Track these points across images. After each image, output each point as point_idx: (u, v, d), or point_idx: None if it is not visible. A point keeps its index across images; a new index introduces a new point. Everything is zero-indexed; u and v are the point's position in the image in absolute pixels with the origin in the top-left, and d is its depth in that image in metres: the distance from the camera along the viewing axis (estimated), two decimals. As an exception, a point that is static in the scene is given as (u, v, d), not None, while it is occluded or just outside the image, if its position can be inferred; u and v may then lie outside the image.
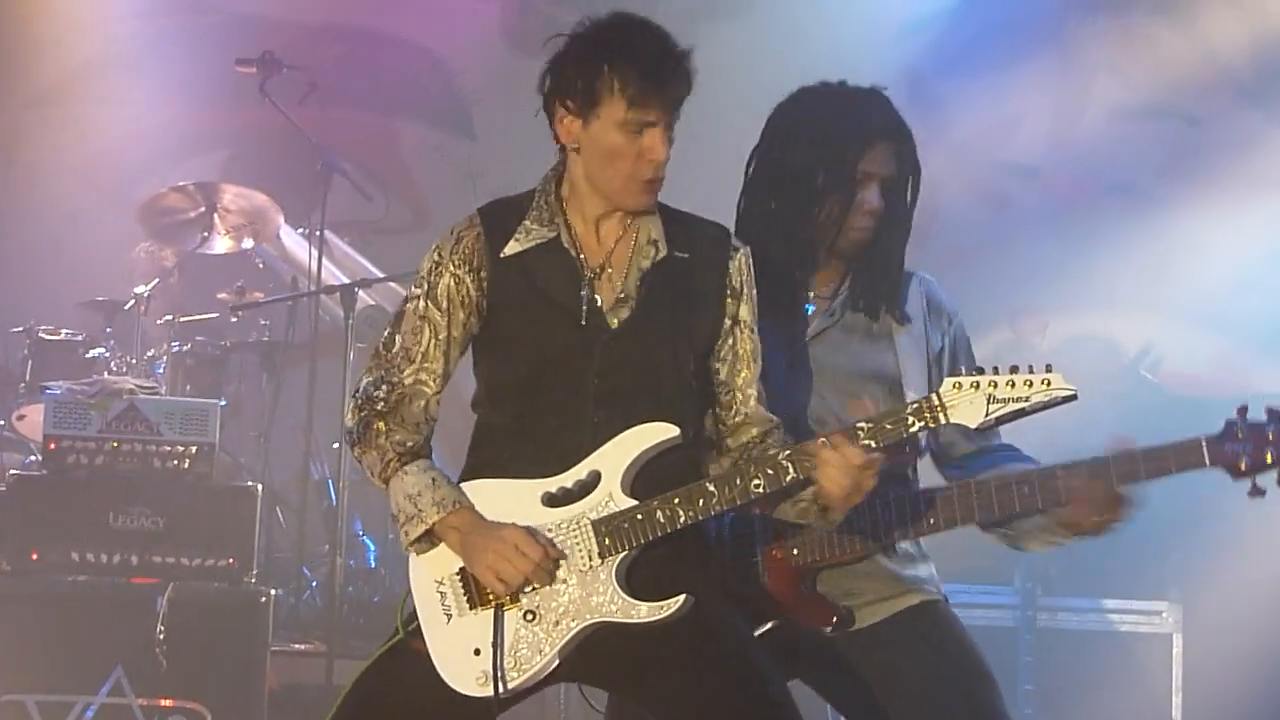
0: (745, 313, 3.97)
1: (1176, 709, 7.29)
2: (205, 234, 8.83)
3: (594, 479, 3.81)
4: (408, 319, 3.93)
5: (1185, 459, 4.01)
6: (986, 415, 3.69)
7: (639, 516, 3.78)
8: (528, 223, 3.91)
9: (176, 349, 8.42)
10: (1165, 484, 4.15)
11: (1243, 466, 3.97)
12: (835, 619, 4.13)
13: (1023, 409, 3.69)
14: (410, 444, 3.89)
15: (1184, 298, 9.39)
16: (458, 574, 3.85)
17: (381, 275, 8.78)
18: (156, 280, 8.72)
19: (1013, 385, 3.68)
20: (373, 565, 8.72)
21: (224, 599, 7.09)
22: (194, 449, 7.26)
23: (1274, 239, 9.39)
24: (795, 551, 4.15)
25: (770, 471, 3.78)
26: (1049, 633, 7.29)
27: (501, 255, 3.88)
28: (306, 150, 8.73)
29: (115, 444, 7.22)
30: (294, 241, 9.27)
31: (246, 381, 8.89)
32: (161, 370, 8.32)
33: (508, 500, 3.84)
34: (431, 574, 3.88)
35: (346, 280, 8.58)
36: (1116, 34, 9.91)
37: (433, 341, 3.91)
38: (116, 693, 6.80)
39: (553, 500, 3.83)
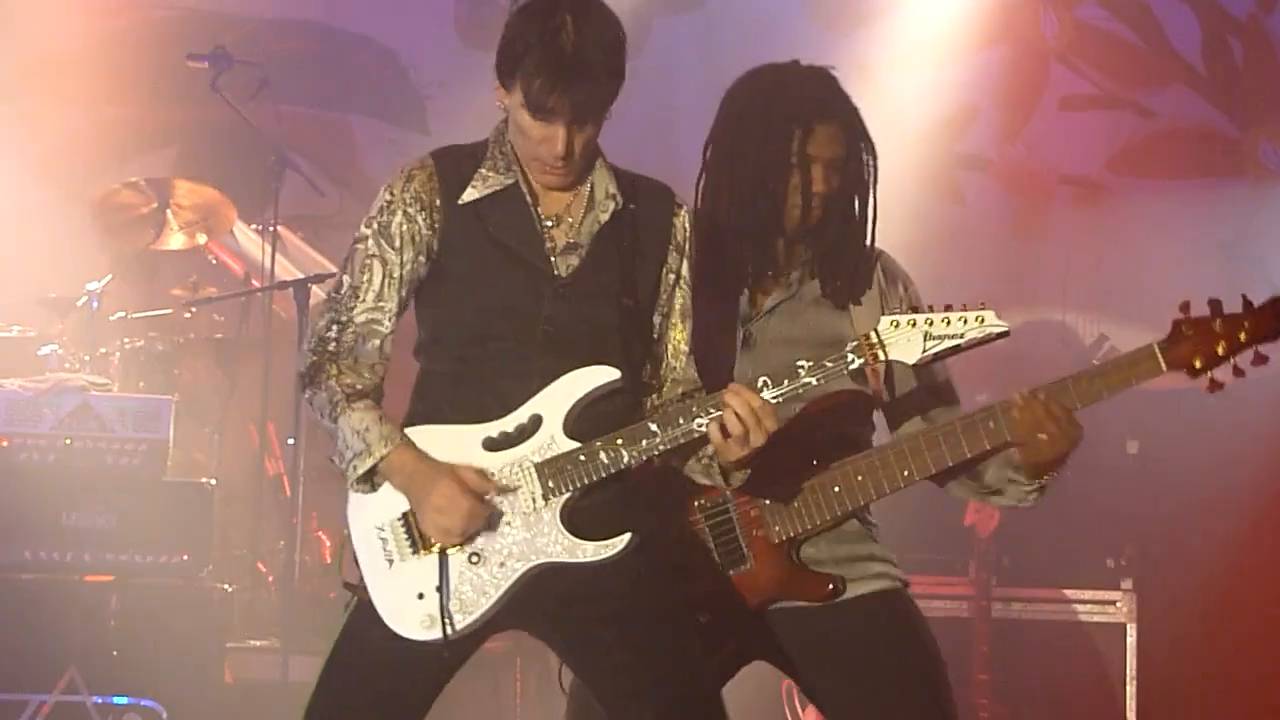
0: (686, 269, 4.03)
1: (1131, 698, 7.33)
2: (158, 230, 8.78)
3: (535, 423, 3.84)
4: (358, 258, 3.96)
5: (1142, 368, 4.05)
6: (924, 352, 3.80)
7: (582, 457, 3.82)
8: (484, 170, 3.93)
9: (129, 345, 8.37)
10: (1119, 474, 4.19)
11: (1197, 364, 4.01)
12: (830, 587, 4.18)
13: (958, 345, 3.81)
14: (360, 386, 3.89)
15: (1137, 288, 9.42)
16: (399, 519, 3.87)
17: (335, 271, 8.73)
18: (109, 277, 8.67)
19: (948, 322, 3.80)
20: (328, 560, 8.69)
21: (178, 596, 7.07)
22: (147, 445, 7.24)
23: (1225, 229, 9.44)
24: (776, 528, 4.18)
25: (714, 409, 3.84)
26: (1004, 623, 7.31)
27: (459, 202, 3.91)
28: (259, 145, 8.70)
29: (68, 441, 7.20)
30: (247, 237, 9.23)
31: (200, 377, 8.84)
32: (115, 367, 8.27)
33: (448, 445, 3.86)
34: (372, 520, 3.89)
35: (300, 276, 8.55)
36: (1069, 25, 9.94)
37: (385, 280, 3.92)
38: (71, 691, 6.78)
39: (494, 444, 3.86)
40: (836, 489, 4.18)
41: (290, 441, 8.33)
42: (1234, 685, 7.82)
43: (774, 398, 3.85)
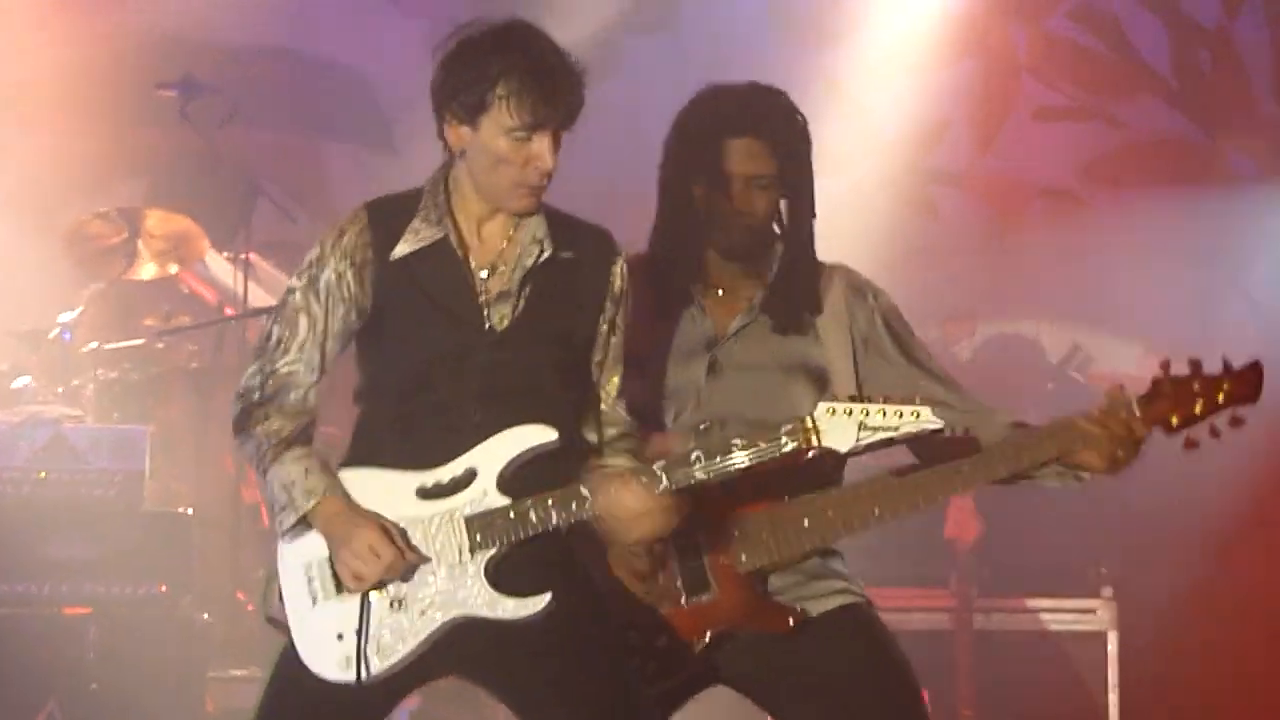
0: (620, 318, 4.02)
1: (1113, 706, 7.33)
2: (130, 260, 8.76)
3: (469, 476, 3.85)
4: (286, 310, 3.97)
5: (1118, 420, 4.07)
6: (856, 442, 3.77)
7: (512, 515, 3.82)
8: (416, 223, 3.94)
9: (103, 376, 8.34)
10: (1097, 482, 4.19)
11: (1174, 422, 4.06)
12: (790, 622, 4.15)
13: (891, 438, 3.79)
14: (287, 432, 3.90)
15: (1110, 298, 9.45)
16: (327, 558, 3.87)
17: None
18: (81, 308, 8.64)
19: (884, 414, 3.77)
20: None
21: (158, 626, 7.05)
22: (123, 476, 7.22)
23: (1196, 238, 9.46)
24: (743, 558, 4.16)
25: (645, 480, 3.84)
26: (986, 634, 7.32)
27: (390, 258, 3.91)
28: (229, 173, 8.69)
29: (43, 473, 7.17)
30: (220, 265, 9.22)
31: (175, 407, 8.81)
32: (89, 398, 8.24)
33: (382, 490, 3.88)
34: (301, 557, 3.90)
35: (274, 302, 8.51)
36: (1039, 37, 9.96)
37: (310, 333, 3.93)
38: (51, 724, 6.75)
39: (427, 493, 3.86)
40: (806, 523, 4.17)
41: (267, 469, 8.29)
42: (1216, 689, 7.84)
43: (703, 472, 3.84)
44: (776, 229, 4.35)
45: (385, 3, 10.28)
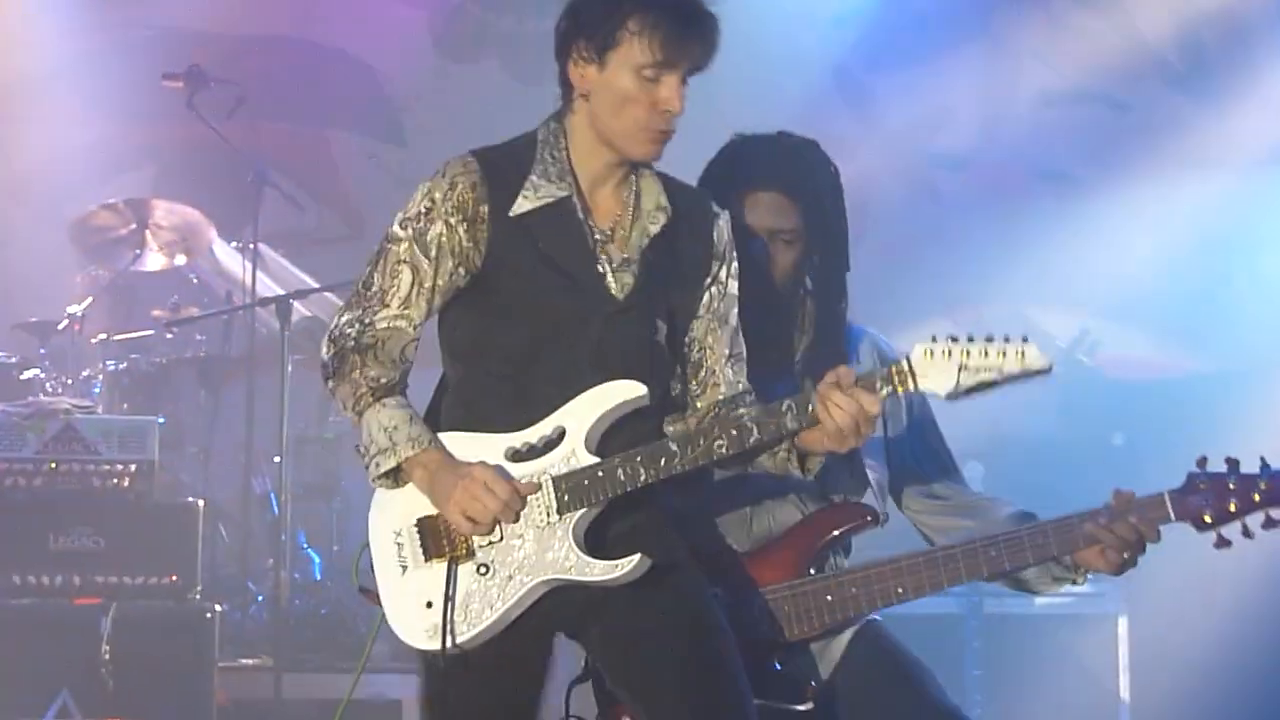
0: (724, 274, 3.91)
1: (1125, 688, 7.33)
2: (138, 251, 8.78)
3: (558, 435, 3.74)
4: (388, 261, 3.80)
5: (1150, 515, 4.05)
6: (957, 385, 3.63)
7: (600, 474, 3.70)
8: (534, 178, 3.79)
9: (112, 367, 8.37)
10: (1105, 467, 4.20)
11: (1207, 519, 4.01)
12: (808, 695, 4.06)
13: (994, 380, 3.63)
14: (385, 380, 3.78)
15: (1116, 281, 9.43)
16: (416, 525, 3.77)
17: (317, 286, 8.73)
18: (90, 299, 8.66)
19: (986, 354, 3.62)
20: (318, 578, 8.67)
21: (169, 617, 7.06)
22: (133, 467, 7.23)
23: (1202, 220, 9.44)
24: (764, 630, 4.10)
25: (734, 432, 3.73)
26: (996, 618, 7.31)
27: (510, 214, 3.76)
28: (237, 163, 8.70)
29: (53, 465, 7.18)
30: (228, 255, 9.23)
31: (184, 397, 8.83)
32: (98, 389, 8.26)
33: (472, 453, 3.74)
34: (390, 524, 3.80)
35: (282, 292, 8.54)
36: (1042, 21, 9.95)
37: (415, 288, 3.78)
38: (63, 715, 6.76)
39: (517, 455, 3.75)
40: (829, 598, 4.11)
41: (277, 459, 8.32)
42: (1226, 671, 7.83)
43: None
44: (808, 283, 4.27)
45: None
